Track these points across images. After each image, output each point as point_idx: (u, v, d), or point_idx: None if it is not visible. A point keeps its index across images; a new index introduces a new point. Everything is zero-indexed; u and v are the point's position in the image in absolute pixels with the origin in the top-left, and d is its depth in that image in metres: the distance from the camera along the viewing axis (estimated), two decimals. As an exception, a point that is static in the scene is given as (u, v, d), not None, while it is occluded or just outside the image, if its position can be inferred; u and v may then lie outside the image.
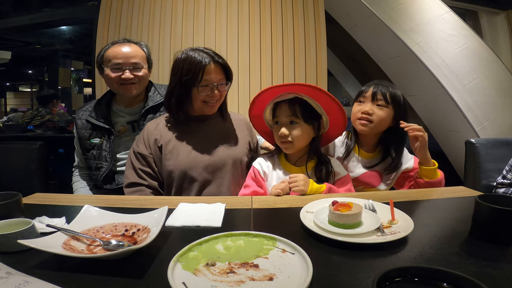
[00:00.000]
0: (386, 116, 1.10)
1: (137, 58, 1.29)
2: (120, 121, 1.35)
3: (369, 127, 1.11)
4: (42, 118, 3.51)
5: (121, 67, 1.26)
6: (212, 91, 1.09)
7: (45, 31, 6.26)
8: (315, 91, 1.02)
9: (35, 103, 4.73)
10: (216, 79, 1.08)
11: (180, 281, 0.48)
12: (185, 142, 1.13)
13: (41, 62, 8.40)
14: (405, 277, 0.39)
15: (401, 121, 1.09)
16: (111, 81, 1.28)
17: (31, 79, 10.29)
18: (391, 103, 1.10)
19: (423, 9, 2.93)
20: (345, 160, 1.19)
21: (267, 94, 1.06)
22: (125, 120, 1.36)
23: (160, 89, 1.42)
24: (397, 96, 1.11)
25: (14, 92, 10.54)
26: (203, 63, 1.05)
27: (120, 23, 2.29)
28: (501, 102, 2.81)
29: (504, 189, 1.34)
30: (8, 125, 3.84)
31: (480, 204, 0.64)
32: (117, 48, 1.28)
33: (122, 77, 1.26)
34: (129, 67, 1.26)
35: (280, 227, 0.76)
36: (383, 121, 1.11)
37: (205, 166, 1.10)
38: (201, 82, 1.06)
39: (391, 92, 1.11)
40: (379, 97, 1.10)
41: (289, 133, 1.03)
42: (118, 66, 1.26)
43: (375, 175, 1.18)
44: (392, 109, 1.10)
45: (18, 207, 0.72)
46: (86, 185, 1.40)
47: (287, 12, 2.29)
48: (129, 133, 1.36)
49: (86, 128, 1.34)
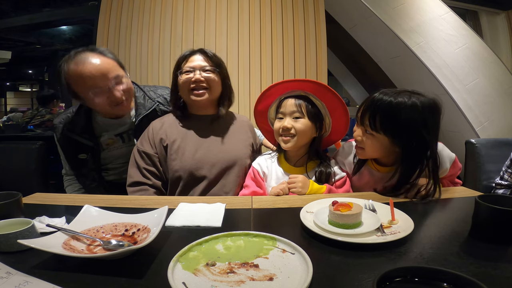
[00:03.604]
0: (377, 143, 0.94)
1: (113, 71, 1.09)
2: (107, 134, 1.22)
3: (364, 155, 1.00)
4: (42, 118, 3.51)
5: (102, 89, 1.07)
6: (194, 76, 1.10)
7: (45, 31, 6.26)
8: (324, 89, 1.04)
9: (35, 103, 4.73)
10: (198, 65, 1.12)
11: (180, 281, 0.48)
12: (191, 142, 1.13)
13: (41, 62, 8.40)
14: (405, 277, 0.39)
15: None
16: (99, 106, 1.11)
17: (31, 79, 10.29)
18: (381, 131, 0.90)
19: (423, 9, 2.93)
20: (357, 175, 1.08)
21: (277, 89, 1.08)
22: (113, 132, 1.22)
23: (149, 92, 1.30)
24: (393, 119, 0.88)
25: (14, 92, 10.55)
26: (187, 53, 1.15)
27: (120, 23, 2.29)
28: (501, 102, 2.82)
29: (503, 190, 1.34)
30: (8, 125, 3.84)
31: (480, 204, 0.64)
32: (81, 68, 1.04)
33: (111, 99, 1.09)
34: (111, 86, 1.08)
35: (280, 227, 0.76)
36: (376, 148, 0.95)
37: (210, 167, 1.11)
38: (184, 69, 1.12)
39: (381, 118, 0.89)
40: (366, 122, 0.93)
41: (292, 126, 1.03)
42: (97, 90, 1.06)
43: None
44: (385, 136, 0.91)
45: (18, 207, 0.72)
46: (81, 187, 1.32)
47: (287, 12, 2.29)
48: (118, 144, 1.25)
49: (69, 144, 1.20)
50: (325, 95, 1.05)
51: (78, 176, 1.30)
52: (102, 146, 1.23)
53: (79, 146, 1.20)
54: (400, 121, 0.88)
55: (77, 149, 1.21)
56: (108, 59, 1.11)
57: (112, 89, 1.09)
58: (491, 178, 1.43)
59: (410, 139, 0.88)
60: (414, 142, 0.88)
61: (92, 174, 1.25)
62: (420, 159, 0.91)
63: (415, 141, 0.88)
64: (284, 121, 1.04)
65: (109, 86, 1.08)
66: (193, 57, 1.14)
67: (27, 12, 4.21)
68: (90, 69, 1.04)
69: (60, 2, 4.30)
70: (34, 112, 3.63)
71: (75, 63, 1.05)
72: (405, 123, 0.88)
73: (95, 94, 1.07)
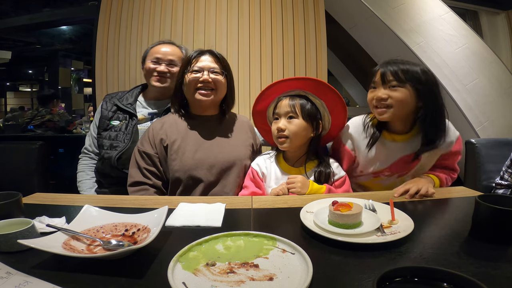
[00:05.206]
0: (405, 97, 0.95)
1: (174, 57, 1.41)
2: (142, 111, 1.42)
3: (390, 113, 0.98)
4: (42, 118, 3.51)
5: (158, 61, 1.39)
6: (202, 76, 1.13)
7: (45, 31, 6.26)
8: (322, 86, 1.05)
9: (35, 103, 4.74)
10: (207, 66, 1.14)
11: (180, 281, 0.48)
12: (191, 142, 1.14)
13: (41, 62, 8.41)
14: (405, 277, 0.39)
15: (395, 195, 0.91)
16: (149, 72, 1.40)
17: (31, 79, 10.30)
18: (407, 81, 0.95)
19: (423, 9, 2.93)
20: (370, 151, 1.07)
21: (275, 88, 1.09)
22: (147, 111, 1.43)
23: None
24: (412, 71, 0.95)
25: (14, 92, 10.55)
26: (197, 53, 1.17)
27: (120, 23, 2.29)
28: (501, 102, 2.82)
29: (503, 190, 1.34)
30: (8, 125, 3.84)
31: (480, 204, 0.64)
32: (159, 46, 1.43)
33: (158, 69, 1.37)
34: (165, 62, 1.39)
35: (280, 227, 0.76)
36: (404, 103, 0.96)
37: (209, 167, 1.11)
38: (192, 68, 1.14)
39: (403, 69, 0.95)
40: (389, 78, 0.96)
41: (286, 127, 1.03)
42: (156, 60, 1.39)
43: (411, 159, 1.04)
44: (411, 86, 0.95)
45: (18, 207, 0.72)
46: (93, 176, 1.40)
47: (287, 12, 2.29)
48: (146, 122, 1.41)
49: (111, 109, 1.41)
50: (324, 92, 1.06)
51: (98, 148, 1.40)
52: (136, 118, 1.39)
53: (118, 114, 1.40)
54: (420, 73, 0.96)
55: (114, 116, 1.40)
56: (177, 50, 1.45)
57: (162, 64, 1.39)
58: (491, 178, 1.43)
59: (432, 94, 0.95)
60: (434, 98, 0.95)
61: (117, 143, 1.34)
62: (440, 117, 0.98)
63: (435, 98, 0.96)
64: (279, 122, 1.05)
65: (163, 62, 1.39)
66: (202, 57, 1.16)
67: (27, 12, 4.21)
68: (163, 48, 1.42)
69: (60, 2, 4.31)
70: (34, 112, 3.63)
71: (163, 43, 1.44)
72: (424, 75, 0.96)
73: (152, 62, 1.39)
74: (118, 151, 1.30)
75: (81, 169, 1.42)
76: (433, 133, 0.99)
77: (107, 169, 1.31)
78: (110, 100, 1.44)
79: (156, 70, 1.37)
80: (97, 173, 1.39)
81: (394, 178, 1.12)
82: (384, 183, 1.14)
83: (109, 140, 1.34)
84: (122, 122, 1.37)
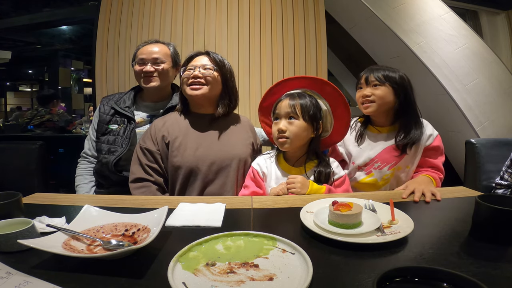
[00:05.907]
0: (385, 93, 1.15)
1: (159, 54, 1.39)
2: (140, 114, 1.43)
3: (373, 107, 1.17)
4: (42, 118, 3.51)
5: (144, 62, 1.38)
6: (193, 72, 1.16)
7: (45, 31, 6.27)
8: (329, 88, 1.10)
9: (35, 103, 4.74)
10: (200, 64, 1.17)
11: (180, 281, 0.48)
12: (192, 139, 1.15)
13: (41, 62, 8.41)
14: (405, 277, 0.39)
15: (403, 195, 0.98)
16: (137, 74, 1.40)
17: (31, 79, 10.30)
18: (386, 81, 1.16)
19: (423, 9, 2.93)
20: (360, 144, 1.24)
21: (284, 85, 1.13)
22: (145, 114, 1.43)
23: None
24: (390, 75, 1.16)
25: (14, 92, 10.55)
26: (193, 54, 1.22)
27: (120, 23, 2.29)
28: (501, 102, 2.81)
29: (503, 190, 1.34)
30: (8, 125, 3.84)
31: (480, 204, 0.64)
32: (144, 48, 1.42)
33: (144, 70, 1.37)
34: (150, 62, 1.38)
35: (280, 227, 0.76)
36: (385, 98, 1.16)
37: (210, 164, 1.12)
38: (187, 67, 1.19)
39: (383, 73, 1.17)
40: (372, 79, 1.17)
41: (287, 128, 1.03)
42: (141, 61, 1.39)
43: (396, 150, 1.18)
44: (389, 85, 1.16)
45: (18, 207, 0.72)
46: (91, 181, 1.40)
47: (287, 12, 2.29)
48: (145, 125, 1.42)
49: (108, 113, 1.40)
50: (330, 94, 1.10)
51: (97, 152, 1.40)
52: (134, 122, 1.39)
53: (116, 117, 1.39)
54: (397, 77, 1.17)
55: (112, 120, 1.39)
56: (164, 47, 1.43)
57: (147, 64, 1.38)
58: (491, 178, 1.43)
59: (405, 92, 1.16)
60: (407, 95, 1.16)
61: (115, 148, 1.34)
62: (412, 110, 1.18)
63: (408, 96, 1.16)
64: (279, 123, 1.05)
65: (148, 62, 1.38)
66: (198, 57, 1.20)
67: (27, 12, 4.22)
68: (148, 47, 1.41)
69: (60, 2, 4.30)
70: (34, 112, 3.63)
71: (149, 43, 1.43)
72: (400, 78, 1.17)
73: (138, 63, 1.38)
74: (115, 156, 1.30)
75: (80, 173, 1.42)
76: (408, 121, 1.18)
77: (106, 172, 1.32)
78: (107, 103, 1.43)
79: (143, 71, 1.37)
80: (96, 175, 1.39)
81: (385, 170, 1.20)
82: (379, 178, 1.21)
83: (107, 145, 1.35)
84: (120, 126, 1.38)
